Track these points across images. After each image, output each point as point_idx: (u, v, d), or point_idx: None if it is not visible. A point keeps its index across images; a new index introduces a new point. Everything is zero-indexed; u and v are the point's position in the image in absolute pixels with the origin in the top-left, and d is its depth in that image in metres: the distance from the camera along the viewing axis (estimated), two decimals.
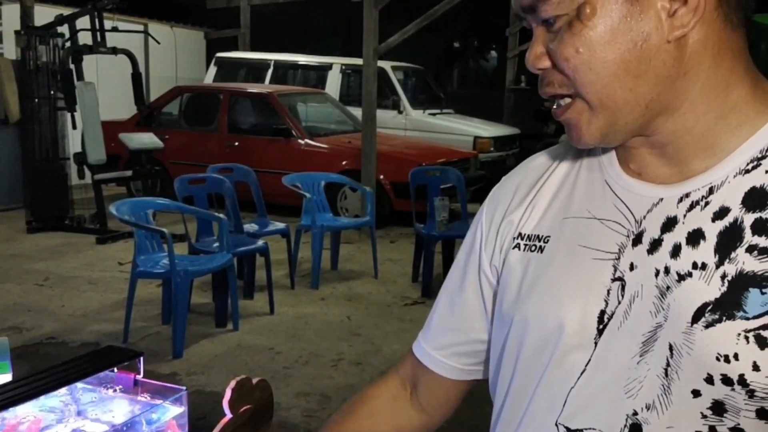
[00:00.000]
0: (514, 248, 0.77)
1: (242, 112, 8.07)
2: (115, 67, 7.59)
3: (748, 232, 0.62)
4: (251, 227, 4.92)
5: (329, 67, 9.61)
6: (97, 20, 6.35)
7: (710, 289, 0.62)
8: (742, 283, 0.61)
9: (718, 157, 0.66)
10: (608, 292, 0.68)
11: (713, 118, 0.66)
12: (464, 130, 8.60)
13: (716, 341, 0.61)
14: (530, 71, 0.70)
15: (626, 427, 0.65)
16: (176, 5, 10.82)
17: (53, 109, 6.57)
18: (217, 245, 4.31)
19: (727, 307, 0.62)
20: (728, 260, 0.62)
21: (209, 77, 9.95)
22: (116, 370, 1.17)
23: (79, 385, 1.15)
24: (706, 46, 0.65)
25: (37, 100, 6.51)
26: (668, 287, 0.65)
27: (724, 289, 0.62)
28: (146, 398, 1.16)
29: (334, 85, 9.40)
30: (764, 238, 0.62)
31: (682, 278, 0.64)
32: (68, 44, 6.43)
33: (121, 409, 1.16)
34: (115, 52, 6.47)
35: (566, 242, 0.73)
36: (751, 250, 0.62)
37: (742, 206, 0.64)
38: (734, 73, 0.66)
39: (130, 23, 8.85)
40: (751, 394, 0.60)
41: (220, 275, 4.11)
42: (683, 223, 0.66)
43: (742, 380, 0.61)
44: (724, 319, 0.61)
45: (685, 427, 0.63)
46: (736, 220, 0.63)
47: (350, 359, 3.74)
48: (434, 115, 9.03)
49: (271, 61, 9.91)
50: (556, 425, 0.70)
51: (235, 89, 8.16)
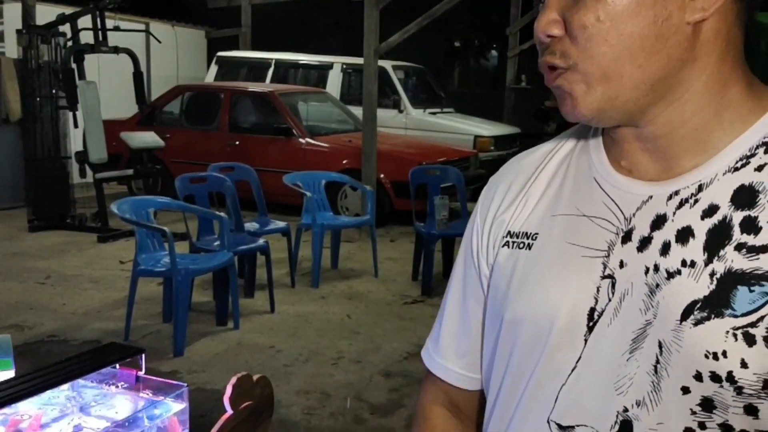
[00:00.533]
0: (503, 246, 0.77)
1: (243, 111, 8.08)
2: (116, 66, 7.60)
3: (737, 230, 0.63)
4: (252, 226, 4.93)
5: (330, 66, 9.62)
6: (98, 19, 6.37)
7: (699, 286, 0.63)
8: (730, 281, 0.62)
9: (708, 154, 0.67)
10: (598, 289, 0.68)
11: (710, 112, 0.66)
12: (465, 129, 8.61)
13: (705, 339, 0.62)
14: (537, 40, 0.68)
15: (617, 423, 0.66)
16: (177, 4, 10.84)
17: (55, 108, 6.59)
18: (218, 244, 4.32)
19: (715, 304, 0.62)
20: (717, 258, 0.63)
21: (210, 76, 9.96)
22: (118, 366, 1.19)
23: (81, 381, 1.17)
24: (717, 36, 0.65)
25: (38, 98, 6.52)
26: (658, 285, 0.65)
27: (712, 287, 0.62)
28: (148, 395, 1.17)
29: (334, 84, 9.40)
30: (753, 236, 0.62)
31: (671, 276, 0.64)
32: (70, 43, 6.45)
33: (122, 405, 1.17)
34: (116, 51, 6.49)
35: (555, 239, 0.73)
36: (739, 248, 0.62)
37: (731, 204, 0.64)
38: (735, 70, 0.67)
39: (131, 22, 8.87)
40: (739, 390, 0.61)
41: (220, 274, 4.13)
42: (672, 220, 0.66)
43: (730, 377, 0.61)
44: (712, 316, 0.62)
45: (674, 423, 0.64)
46: (725, 218, 0.64)
47: (350, 357, 3.75)
48: (435, 114, 9.04)
49: (272, 60, 9.92)
50: (547, 422, 0.70)
51: (236, 88, 8.17)
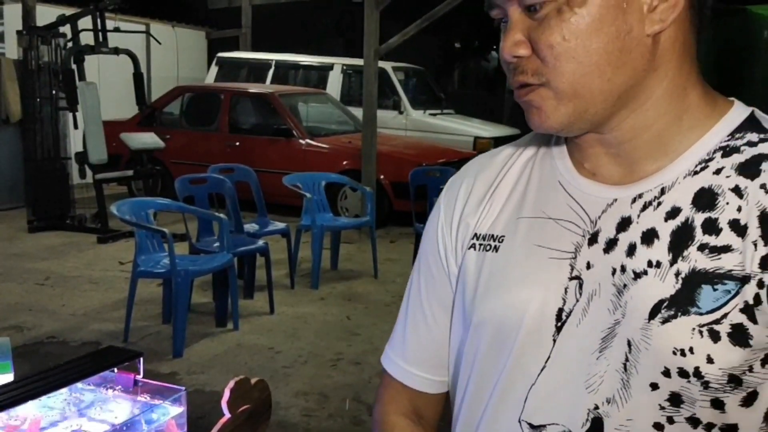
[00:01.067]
0: (470, 248, 0.78)
1: (243, 112, 8.09)
2: (116, 66, 7.61)
3: (699, 231, 0.65)
4: (252, 227, 4.94)
5: (330, 67, 9.63)
6: (99, 20, 6.37)
7: (665, 286, 0.65)
8: (695, 280, 0.64)
9: (669, 157, 0.69)
10: (566, 290, 0.70)
11: (671, 118, 0.69)
12: (464, 130, 8.62)
13: (672, 336, 0.64)
14: (504, 61, 0.69)
15: (588, 421, 0.67)
16: (178, 5, 10.85)
17: (55, 108, 6.59)
18: (217, 245, 4.32)
19: (681, 303, 0.64)
20: (681, 258, 0.65)
21: (210, 77, 9.96)
22: (116, 370, 1.19)
23: (79, 385, 1.17)
24: (675, 45, 0.67)
25: (38, 99, 6.53)
26: (625, 285, 0.67)
27: (678, 286, 0.64)
28: (146, 398, 1.18)
29: (335, 85, 9.41)
30: (714, 236, 0.64)
31: (638, 276, 0.66)
32: (70, 44, 6.45)
33: (121, 409, 1.17)
34: (117, 52, 6.49)
35: (521, 242, 0.74)
36: (702, 248, 0.64)
37: (692, 206, 0.66)
38: (691, 76, 0.69)
39: (131, 23, 8.87)
40: (705, 385, 0.63)
41: (220, 275, 4.13)
42: (637, 222, 0.68)
43: (697, 372, 0.63)
44: (679, 314, 0.64)
45: (644, 418, 0.65)
46: (687, 219, 0.66)
47: (349, 359, 3.76)
48: (434, 115, 9.04)
49: (272, 61, 9.92)
50: (519, 422, 0.71)
51: (236, 89, 8.18)
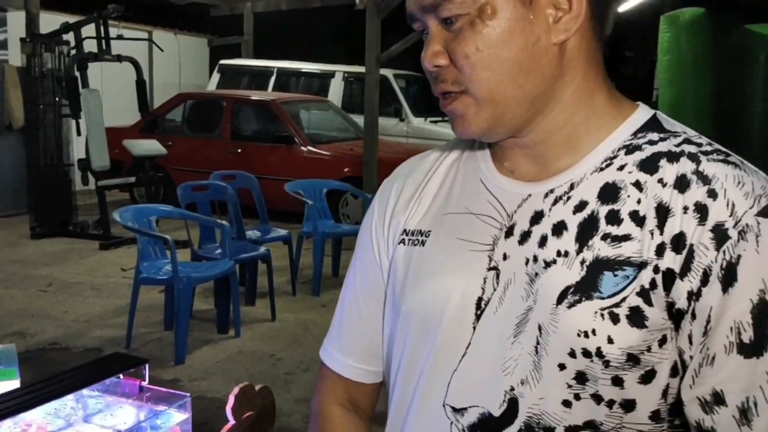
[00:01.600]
0: (399, 243, 0.83)
1: (245, 119, 8.12)
2: (119, 73, 7.64)
3: (603, 222, 0.70)
4: (253, 234, 4.95)
5: (332, 74, 9.67)
6: (102, 28, 6.41)
7: (572, 273, 0.69)
8: (598, 267, 0.68)
9: (578, 156, 0.74)
10: (485, 280, 0.74)
11: (579, 119, 0.74)
12: None
13: (577, 319, 0.68)
14: (426, 71, 0.74)
15: (505, 402, 0.72)
16: (180, 12, 10.89)
17: (58, 115, 6.62)
18: (219, 252, 4.34)
19: (585, 288, 0.68)
20: (587, 248, 0.69)
21: (212, 84, 10.01)
22: (122, 376, 1.20)
23: (85, 391, 1.18)
24: (580, 52, 0.72)
25: (41, 106, 6.56)
26: (537, 274, 0.71)
27: (583, 273, 0.69)
28: (151, 404, 1.19)
29: (336, 92, 9.44)
30: (616, 227, 0.69)
31: (548, 265, 0.71)
32: (74, 52, 6.49)
33: (126, 415, 1.19)
34: (120, 59, 6.52)
35: (445, 236, 0.79)
36: (605, 237, 0.69)
37: (598, 200, 0.71)
38: (597, 80, 0.75)
39: (134, 31, 8.91)
40: (606, 364, 0.68)
41: (222, 281, 4.14)
42: (549, 216, 0.73)
43: (599, 352, 0.68)
44: (583, 299, 0.68)
45: (554, 397, 0.70)
46: (593, 212, 0.71)
47: None
48: (436, 122, 9.07)
49: (274, 68, 9.96)
50: (443, 406, 0.75)
51: (238, 96, 8.21)
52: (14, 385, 1.25)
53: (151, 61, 10.03)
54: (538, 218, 0.73)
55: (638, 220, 0.68)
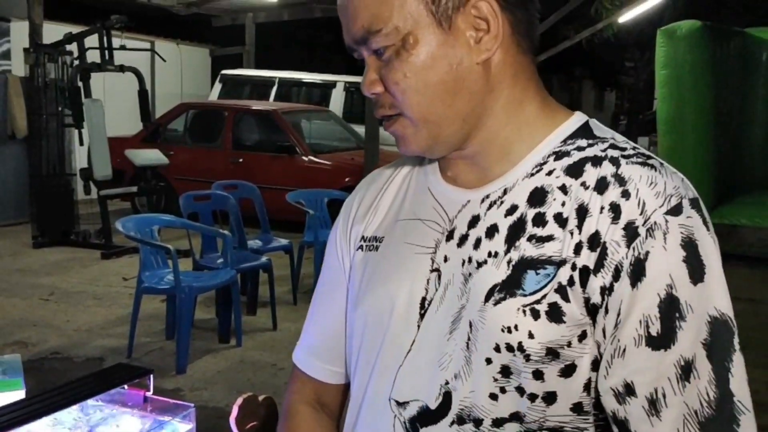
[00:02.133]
0: (358, 249, 0.88)
1: (247, 129, 8.15)
2: (121, 83, 7.69)
3: (530, 224, 0.74)
4: (255, 243, 4.96)
5: (333, 84, 9.71)
6: (105, 38, 6.45)
7: (499, 272, 0.74)
8: (522, 266, 0.72)
9: (511, 163, 0.78)
10: (428, 281, 0.79)
11: (511, 129, 0.78)
12: None
13: (502, 316, 0.72)
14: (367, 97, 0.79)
15: (440, 395, 0.76)
16: (182, 23, 10.95)
17: (60, 125, 6.65)
18: (221, 261, 4.35)
19: (510, 286, 0.72)
20: (514, 248, 0.74)
21: (214, 94, 10.05)
22: (126, 387, 1.21)
23: (90, 402, 1.20)
24: (505, 67, 0.76)
25: (44, 116, 6.59)
26: (470, 274, 0.76)
27: (509, 272, 0.73)
28: (155, 415, 1.20)
29: (337, 102, 9.48)
30: (541, 228, 0.73)
31: (480, 265, 0.75)
32: (77, 62, 6.53)
33: (130, 425, 1.20)
34: (122, 69, 6.56)
35: (395, 240, 0.84)
36: (531, 238, 0.73)
37: (527, 204, 0.75)
38: (527, 91, 0.78)
39: (137, 41, 8.96)
40: (527, 358, 0.71)
41: (223, 291, 4.16)
42: (484, 219, 0.77)
43: (520, 347, 0.71)
44: (507, 297, 0.72)
45: (482, 389, 0.74)
46: (522, 215, 0.75)
47: None
48: None
49: (275, 78, 10.01)
50: (389, 400, 0.79)
51: (239, 106, 8.24)
52: (19, 395, 1.26)
53: (153, 71, 10.08)
54: (474, 222, 0.77)
55: (561, 221, 0.72)
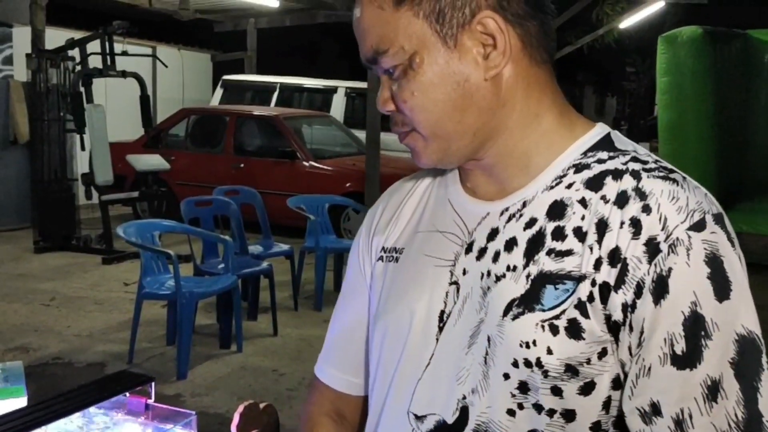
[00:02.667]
0: (378, 260, 0.88)
1: (248, 134, 8.16)
2: (123, 89, 7.70)
3: (549, 238, 0.73)
4: (256, 249, 4.97)
5: (334, 90, 9.73)
6: (107, 44, 6.46)
7: (518, 287, 0.73)
8: (541, 280, 0.72)
9: (531, 176, 0.77)
10: (447, 294, 0.78)
11: (529, 143, 0.77)
12: None
13: (520, 331, 0.71)
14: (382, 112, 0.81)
15: (457, 410, 0.75)
16: (184, 28, 10.98)
17: (62, 130, 6.67)
18: (222, 267, 4.35)
19: (529, 301, 0.72)
20: (533, 262, 0.73)
21: (216, 99, 10.07)
22: (128, 394, 1.21)
23: (92, 409, 1.20)
24: (517, 81, 0.75)
25: (46, 121, 6.61)
26: (489, 287, 0.75)
27: (527, 286, 0.72)
28: (157, 422, 1.20)
29: (338, 108, 9.50)
30: (560, 242, 0.72)
31: (498, 279, 0.75)
32: (79, 67, 6.54)
33: None
34: (124, 75, 6.58)
35: (415, 252, 0.83)
36: (550, 253, 0.72)
37: (546, 217, 0.74)
38: (542, 103, 0.77)
39: (139, 46, 8.98)
40: (545, 374, 0.70)
41: (224, 296, 4.15)
42: (503, 232, 0.76)
43: (538, 362, 0.70)
44: (526, 311, 0.72)
45: (499, 405, 0.73)
46: (541, 228, 0.74)
47: None
48: None
49: (277, 84, 10.03)
50: (407, 413, 0.79)
51: (241, 112, 8.26)
52: (21, 403, 1.26)
53: (155, 76, 10.10)
54: (493, 235, 0.77)
55: (580, 235, 0.71)
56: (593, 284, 0.69)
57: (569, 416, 0.70)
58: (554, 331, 0.70)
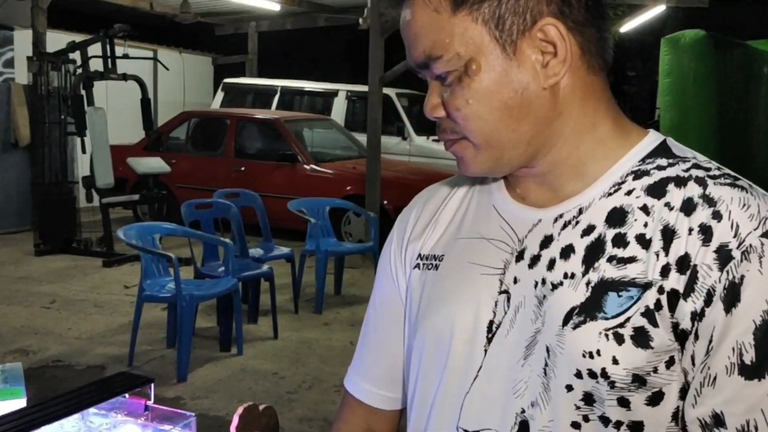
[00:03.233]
0: (414, 268, 0.85)
1: (249, 137, 8.16)
2: (124, 92, 7.71)
3: (609, 245, 0.71)
4: (256, 252, 4.97)
5: (335, 93, 9.73)
6: (108, 47, 6.47)
7: (577, 294, 0.70)
8: (602, 288, 0.70)
9: (586, 182, 0.75)
10: (496, 303, 0.76)
11: (584, 150, 0.75)
12: None
13: (582, 340, 0.69)
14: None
15: (516, 424, 0.72)
16: (185, 32, 10.99)
17: (63, 133, 6.68)
18: (222, 270, 4.35)
19: (590, 309, 0.69)
20: (593, 269, 0.71)
21: (216, 102, 10.08)
22: (127, 395, 1.21)
23: (91, 410, 1.19)
24: (574, 90, 0.74)
25: (47, 124, 6.62)
26: (545, 296, 0.73)
27: (588, 294, 0.70)
28: (156, 424, 1.20)
29: (339, 111, 9.50)
30: (622, 249, 0.70)
31: (555, 287, 0.72)
32: (80, 70, 6.55)
33: None
34: (125, 78, 6.59)
35: (458, 260, 0.80)
36: (611, 260, 0.70)
37: (605, 224, 0.72)
38: (598, 112, 0.75)
39: (140, 49, 9.00)
40: (612, 385, 0.68)
41: (225, 299, 4.15)
42: (558, 240, 0.74)
43: (604, 373, 0.68)
44: (588, 320, 0.69)
45: (563, 418, 0.70)
46: (600, 235, 0.72)
47: None
48: (438, 141, 9.09)
49: (277, 87, 10.04)
50: (456, 429, 0.76)
51: (242, 115, 8.27)
52: (20, 404, 1.26)
53: (155, 79, 10.11)
54: (547, 242, 0.74)
55: (644, 242, 0.69)
56: (661, 291, 0.67)
57: (637, 428, 0.68)
58: (619, 340, 0.68)
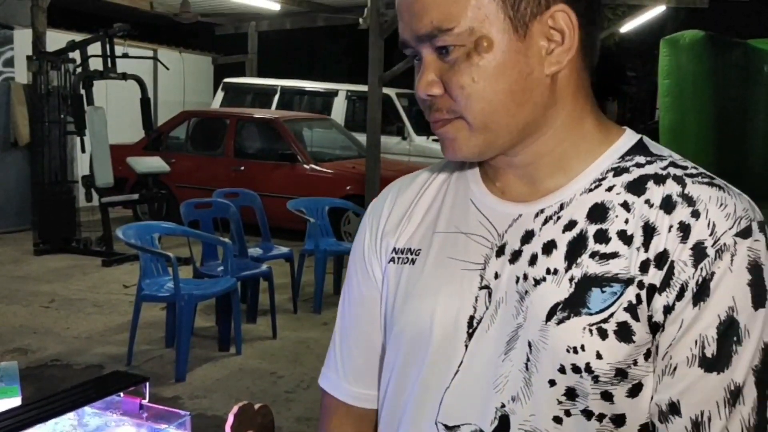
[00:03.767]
0: (389, 262, 0.83)
1: (249, 137, 8.16)
2: (124, 91, 7.71)
3: (591, 240, 0.71)
4: (255, 251, 4.96)
5: (335, 93, 9.73)
6: (108, 46, 6.47)
7: (560, 290, 0.71)
8: (586, 284, 0.70)
9: (567, 177, 0.76)
10: (476, 299, 0.75)
11: (569, 144, 0.76)
12: None
13: (566, 335, 0.69)
14: (419, 99, 0.76)
15: (496, 419, 0.72)
16: (185, 31, 11.00)
17: (63, 132, 6.67)
18: (221, 269, 4.35)
19: (574, 305, 0.70)
20: (575, 265, 0.71)
21: (216, 102, 10.08)
22: (122, 394, 1.21)
23: (86, 409, 1.19)
24: (569, 82, 0.74)
25: (47, 123, 6.61)
26: (527, 292, 0.73)
27: (571, 289, 0.70)
28: (151, 423, 1.20)
29: (339, 111, 9.50)
30: (604, 245, 0.71)
31: (537, 283, 0.72)
32: (79, 70, 6.55)
33: None
34: (125, 77, 6.58)
35: (436, 255, 0.80)
36: (593, 255, 0.71)
37: (587, 219, 0.73)
38: (586, 107, 0.77)
39: (139, 49, 9.00)
40: (596, 379, 0.69)
41: (223, 299, 4.15)
42: (539, 235, 0.74)
43: (588, 368, 0.69)
44: (572, 315, 0.70)
45: (544, 413, 0.71)
46: (582, 230, 0.72)
47: None
48: (438, 141, 9.10)
49: (277, 86, 10.04)
50: (435, 424, 0.76)
51: (241, 114, 8.27)
52: (15, 402, 1.26)
53: (155, 79, 10.11)
54: (528, 237, 0.74)
55: (626, 238, 0.70)
56: (641, 287, 0.68)
57: (619, 421, 0.69)
58: (603, 335, 0.68)
